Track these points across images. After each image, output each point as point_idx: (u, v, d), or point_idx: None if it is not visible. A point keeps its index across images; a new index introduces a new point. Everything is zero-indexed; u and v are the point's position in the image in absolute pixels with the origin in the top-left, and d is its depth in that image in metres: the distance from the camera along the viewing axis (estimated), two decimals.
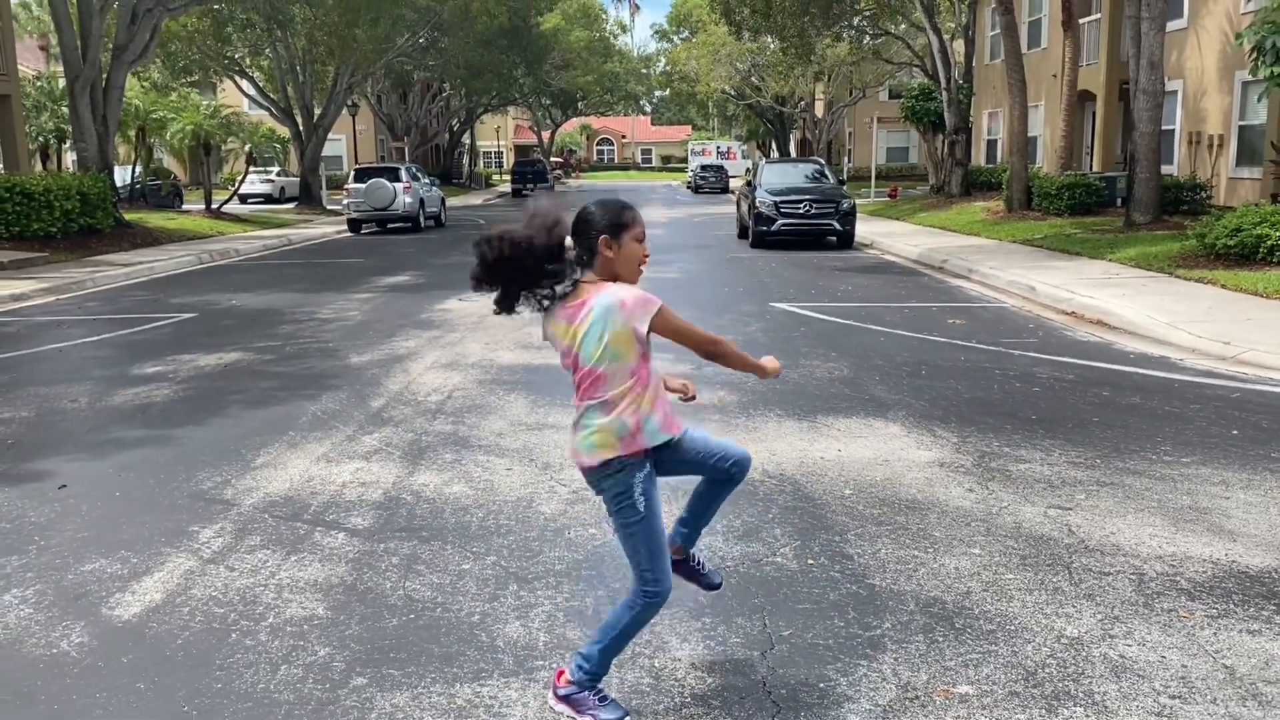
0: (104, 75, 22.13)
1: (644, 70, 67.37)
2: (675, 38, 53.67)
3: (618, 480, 3.04)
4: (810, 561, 4.38)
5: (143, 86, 33.64)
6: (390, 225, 27.51)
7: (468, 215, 34.88)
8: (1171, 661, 3.46)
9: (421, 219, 27.83)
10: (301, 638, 3.70)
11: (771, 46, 40.32)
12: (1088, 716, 3.13)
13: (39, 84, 31.27)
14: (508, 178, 58.79)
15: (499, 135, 76.16)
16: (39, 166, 29.54)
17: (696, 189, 53.45)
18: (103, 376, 8.54)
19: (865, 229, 22.37)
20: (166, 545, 4.61)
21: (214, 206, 29.32)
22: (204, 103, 32.31)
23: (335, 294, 13.91)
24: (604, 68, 55.57)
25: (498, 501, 5.19)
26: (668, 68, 56.44)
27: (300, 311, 12.27)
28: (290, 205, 37.79)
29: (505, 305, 3.03)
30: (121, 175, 31.09)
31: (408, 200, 26.90)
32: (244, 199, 40.95)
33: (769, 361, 3.38)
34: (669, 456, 3.19)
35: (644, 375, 3.06)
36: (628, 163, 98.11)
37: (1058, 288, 12.43)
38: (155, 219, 25.80)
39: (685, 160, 75.20)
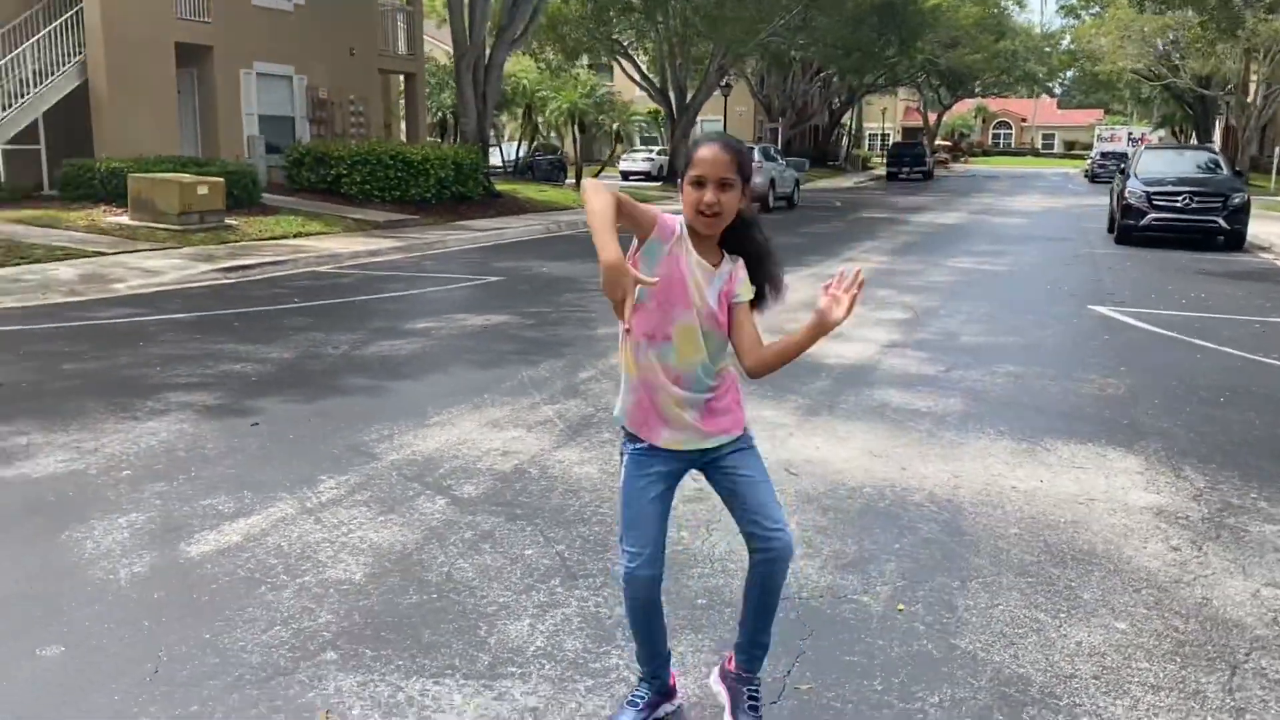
0: (486, 54, 24.06)
1: (1046, 49, 62.31)
2: (1084, 13, 49.12)
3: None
4: (900, 606, 3.67)
5: (538, 67, 36.37)
6: None
7: (827, 197, 34.29)
8: None
9: (771, 199, 27.67)
10: (317, 601, 3.65)
11: (1192, 21, 35.70)
12: None
13: (444, 64, 34.72)
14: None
15: (884, 117, 74.17)
16: (438, 139, 32.84)
17: (1093, 178, 48.88)
18: (376, 328, 9.21)
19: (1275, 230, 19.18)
20: (285, 491, 4.79)
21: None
22: (588, 83, 34.27)
23: None
24: (997, 46, 52.09)
25: (615, 488, 4.88)
26: (1072, 45, 51.93)
27: (593, 281, 12.57)
28: (663, 183, 39.22)
29: None
30: (510, 150, 33.88)
31: (757, 180, 26.75)
32: (626, 175, 43.12)
33: None
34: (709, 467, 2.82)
35: (633, 328, 2.68)
36: (1025, 148, 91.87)
37: None
38: (528, 191, 27.77)
39: (1091, 147, 69.11)
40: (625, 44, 36.65)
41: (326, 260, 14.44)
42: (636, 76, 37.65)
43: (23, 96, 17.87)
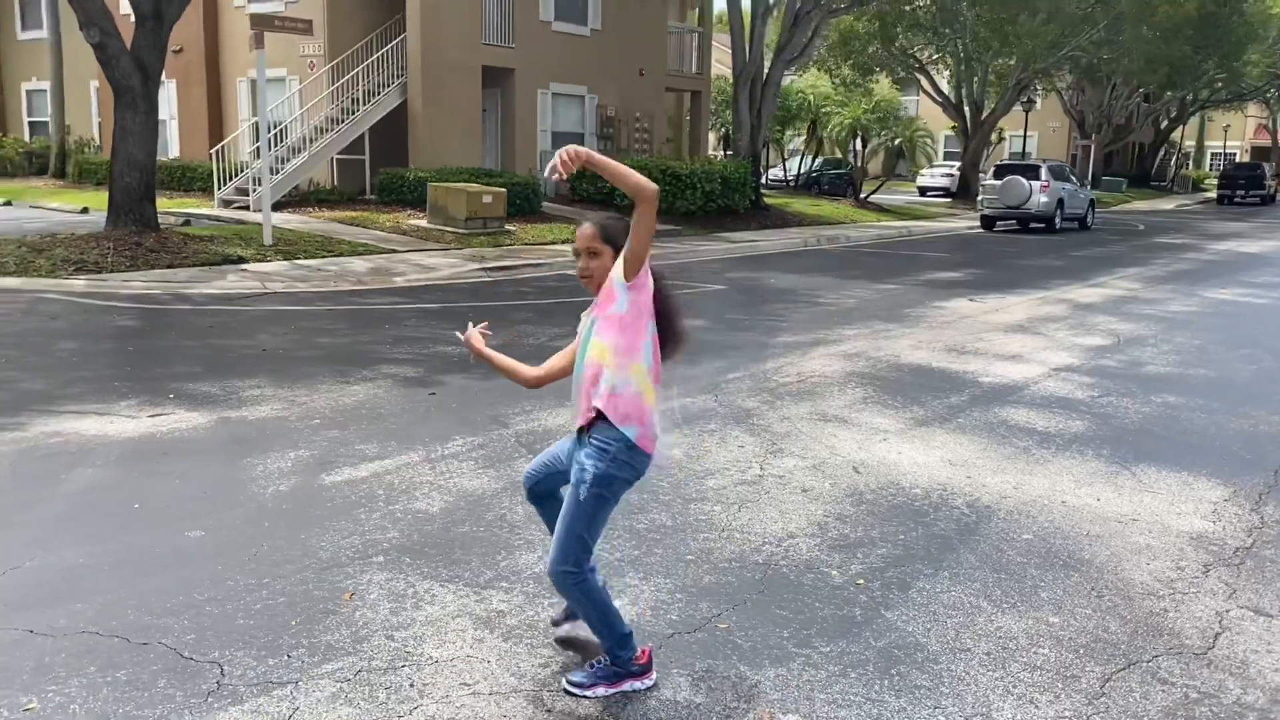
0: (765, 72, 24.93)
1: None
2: None
3: None
4: (860, 582, 4.13)
5: (832, 83, 36.76)
6: (1031, 225, 26.77)
7: (1134, 220, 32.24)
8: None
9: (1058, 220, 26.57)
10: (394, 522, 4.65)
11: None
12: None
13: (731, 81, 35.93)
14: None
15: (1227, 135, 67.61)
16: (720, 153, 34.05)
17: None
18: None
19: None
20: (420, 444, 5.87)
21: (862, 196, 31.20)
22: (875, 97, 34.25)
23: (863, 283, 14.44)
24: None
25: (693, 470, 5.57)
26: None
27: (807, 295, 13.08)
28: (954, 200, 38.38)
29: None
30: (794, 164, 34.57)
31: (1043, 200, 25.97)
32: (924, 191, 42.57)
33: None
34: None
35: None
36: None
37: None
38: (800, 204, 28.35)
39: None
40: (922, 60, 36.27)
41: None
42: (930, 91, 37.15)
43: (354, 113, 20.80)
